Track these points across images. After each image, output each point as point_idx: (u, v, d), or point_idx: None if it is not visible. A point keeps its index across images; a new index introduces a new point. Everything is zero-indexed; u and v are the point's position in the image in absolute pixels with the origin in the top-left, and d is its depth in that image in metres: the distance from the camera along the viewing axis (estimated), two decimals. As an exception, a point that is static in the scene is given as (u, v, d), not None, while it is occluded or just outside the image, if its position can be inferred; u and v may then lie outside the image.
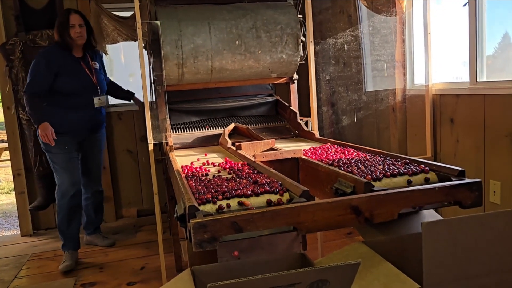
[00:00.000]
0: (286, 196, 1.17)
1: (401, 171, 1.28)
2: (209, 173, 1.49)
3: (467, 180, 1.17)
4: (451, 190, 1.15)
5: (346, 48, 3.13)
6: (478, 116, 2.14)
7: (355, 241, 1.20)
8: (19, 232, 3.55)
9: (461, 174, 1.22)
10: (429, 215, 1.35)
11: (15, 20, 3.29)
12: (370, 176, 1.25)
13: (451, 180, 1.21)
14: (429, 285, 0.96)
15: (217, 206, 1.11)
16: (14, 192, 3.56)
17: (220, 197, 1.14)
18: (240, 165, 1.56)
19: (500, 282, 1.01)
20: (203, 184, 1.28)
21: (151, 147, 2.17)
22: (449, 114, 2.34)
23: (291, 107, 2.53)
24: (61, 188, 2.79)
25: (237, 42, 2.26)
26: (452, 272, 0.97)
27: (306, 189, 1.13)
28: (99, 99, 2.80)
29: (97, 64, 2.86)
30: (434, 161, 2.38)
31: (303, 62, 2.49)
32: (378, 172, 1.26)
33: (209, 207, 1.11)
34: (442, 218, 1.12)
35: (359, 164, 1.40)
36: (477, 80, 2.14)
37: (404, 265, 1.09)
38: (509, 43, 2.13)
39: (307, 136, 2.34)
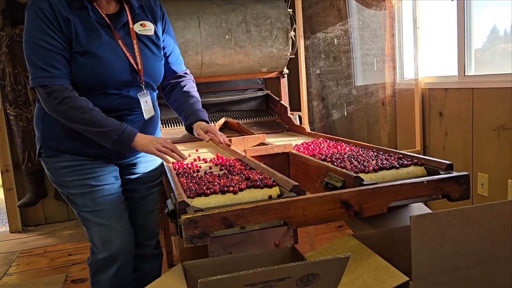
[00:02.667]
0: (276, 190, 1.17)
1: (395, 166, 1.29)
2: (200, 169, 1.49)
3: (454, 174, 1.19)
4: (439, 184, 1.16)
5: (336, 42, 3.14)
6: (466, 110, 2.16)
7: (345, 235, 1.21)
8: (8, 228, 3.52)
9: (449, 168, 1.24)
10: (418, 208, 1.36)
11: (1, 14, 3.23)
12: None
13: (440, 174, 1.22)
14: (417, 278, 0.97)
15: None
16: (2, 188, 3.52)
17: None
18: (232, 161, 1.56)
19: (487, 274, 1.02)
20: (194, 181, 1.28)
21: (141, 142, 2.15)
22: (438, 107, 2.36)
23: (281, 102, 2.53)
24: (96, 252, 1.45)
25: (227, 36, 2.25)
26: (440, 264, 0.98)
27: (296, 183, 1.13)
28: (146, 102, 1.44)
29: (150, 27, 1.46)
30: (424, 154, 2.41)
31: (293, 56, 2.49)
32: (371, 167, 1.27)
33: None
34: (431, 211, 1.13)
35: (352, 159, 1.41)
36: (466, 74, 2.16)
37: (393, 258, 1.11)
38: (498, 37, 2.15)
39: (298, 131, 2.35)
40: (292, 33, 2.40)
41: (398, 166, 1.30)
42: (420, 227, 0.95)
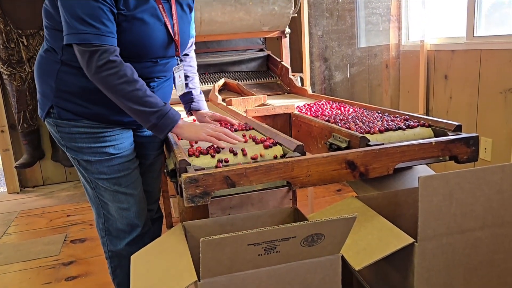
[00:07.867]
0: (279, 150, 1.14)
1: (401, 127, 1.25)
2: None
3: (464, 135, 1.15)
4: (448, 145, 1.13)
5: (340, 0, 3.02)
6: (473, 72, 2.10)
7: (344, 198, 1.18)
8: (6, 189, 3.51)
9: (457, 129, 1.20)
10: (423, 171, 1.34)
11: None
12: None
13: (447, 135, 1.19)
14: (423, 239, 0.95)
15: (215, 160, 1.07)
16: (-2, 149, 3.48)
17: (212, 151, 1.11)
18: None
19: (493, 236, 1.01)
20: (194, 141, 1.24)
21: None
22: (443, 70, 2.30)
23: (282, 63, 2.46)
24: (112, 219, 1.39)
25: (227, -8, 2.15)
26: (447, 226, 0.96)
27: (301, 143, 1.09)
28: (180, 76, 1.43)
29: None
30: (426, 118, 2.36)
31: (296, 15, 2.40)
32: (377, 128, 1.23)
33: (201, 161, 1.07)
34: (435, 173, 1.11)
35: (357, 120, 1.37)
36: (474, 35, 2.09)
37: (397, 221, 1.09)
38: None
39: (299, 93, 2.29)
40: (295, -11, 2.30)
41: (404, 127, 1.26)
42: (429, 188, 0.92)
